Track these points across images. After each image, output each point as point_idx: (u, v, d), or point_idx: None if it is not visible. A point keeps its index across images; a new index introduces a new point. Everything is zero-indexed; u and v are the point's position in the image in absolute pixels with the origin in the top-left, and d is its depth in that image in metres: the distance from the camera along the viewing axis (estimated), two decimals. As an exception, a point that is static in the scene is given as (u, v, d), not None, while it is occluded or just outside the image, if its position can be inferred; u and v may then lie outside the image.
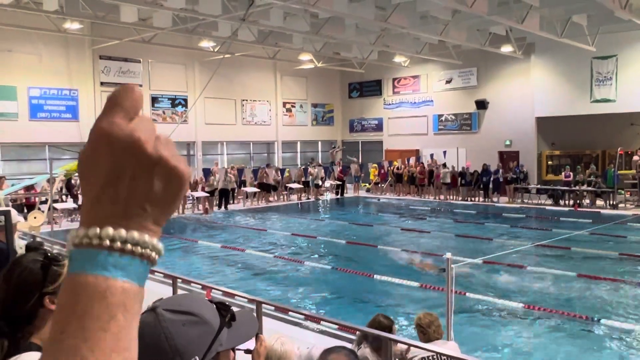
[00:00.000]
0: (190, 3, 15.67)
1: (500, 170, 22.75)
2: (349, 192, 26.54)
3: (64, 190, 18.53)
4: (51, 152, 20.44)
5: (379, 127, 29.84)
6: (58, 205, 17.40)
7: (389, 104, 29.38)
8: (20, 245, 4.66)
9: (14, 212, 5.50)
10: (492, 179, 22.52)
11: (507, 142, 24.71)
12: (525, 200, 21.85)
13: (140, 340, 0.54)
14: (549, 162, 24.07)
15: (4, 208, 7.94)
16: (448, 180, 23.48)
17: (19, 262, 1.71)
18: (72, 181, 18.95)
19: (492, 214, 19.87)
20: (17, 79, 19.84)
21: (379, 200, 24.50)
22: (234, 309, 1.19)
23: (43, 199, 17.23)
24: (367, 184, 27.17)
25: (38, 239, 9.97)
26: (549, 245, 12.37)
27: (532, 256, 12.07)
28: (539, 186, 22.54)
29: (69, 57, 21.17)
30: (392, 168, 25.96)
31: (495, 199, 22.53)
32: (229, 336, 1.11)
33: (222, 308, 1.14)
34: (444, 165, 24.31)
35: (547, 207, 20.38)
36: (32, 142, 20.21)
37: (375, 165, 26.87)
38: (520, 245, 12.63)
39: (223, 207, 21.18)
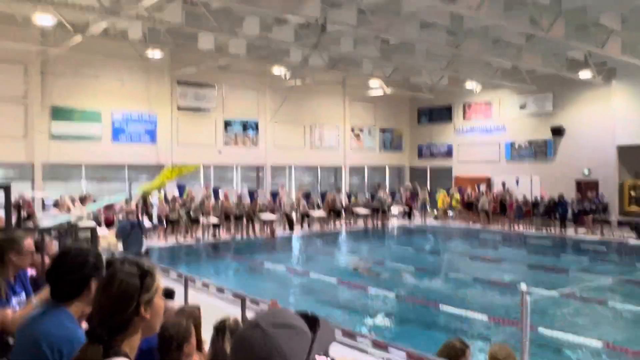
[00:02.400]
0: (264, 31, 16.27)
1: (578, 201, 21.77)
2: (417, 219, 26.21)
3: (141, 209, 19.40)
4: (130, 173, 21.58)
5: (448, 153, 29.42)
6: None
7: (460, 130, 28.95)
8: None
9: (98, 228, 5.89)
10: (569, 209, 21.59)
11: (586, 171, 23.67)
12: (605, 233, 20.75)
13: (251, 355, 0.64)
14: (632, 193, 22.77)
15: (90, 224, 8.48)
16: (501, 206, 22.72)
17: (115, 274, 1.84)
18: (149, 201, 19.87)
19: (569, 245, 19.01)
20: (101, 104, 21.18)
21: (447, 228, 24.02)
22: None
23: (121, 217, 18.11)
24: (435, 211, 26.75)
25: (116, 256, 10.53)
26: (632, 280, 11.67)
27: (612, 291, 11.43)
28: (620, 218, 21.39)
29: (149, 82, 22.41)
30: (462, 195, 25.46)
31: (572, 231, 21.55)
32: (316, 343, 1.20)
33: (310, 318, 1.23)
34: (505, 188, 23.68)
35: (630, 241, 19.26)
36: (113, 164, 21.41)
37: (444, 191, 26.44)
38: (599, 278, 11.98)
39: (288, 230, 21.53)
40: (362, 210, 24.04)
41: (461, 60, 20.55)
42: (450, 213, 26.01)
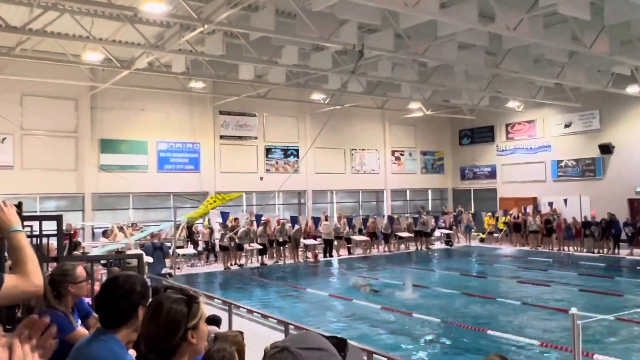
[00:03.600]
0: (302, 59, 16.57)
1: (631, 221, 20.96)
2: (461, 242, 25.75)
3: (185, 236, 19.82)
4: (175, 201, 22.11)
5: (491, 175, 28.96)
6: (180, 251, 18.63)
7: (503, 150, 28.50)
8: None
9: (145, 256, 6.05)
10: (621, 229, 20.80)
11: (638, 189, 22.83)
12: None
13: None
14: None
15: (136, 251, 8.73)
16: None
17: (163, 302, 1.91)
18: (193, 228, 20.28)
19: (623, 267, 18.27)
20: (147, 135, 21.92)
21: (493, 250, 23.50)
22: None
23: (167, 244, 18.54)
24: (480, 234, 26.24)
25: (163, 282, 10.76)
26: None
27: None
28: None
29: (193, 113, 23.06)
30: (508, 217, 24.92)
31: (625, 252, 20.71)
32: None
33: (338, 340, 1.25)
34: (552, 208, 22.99)
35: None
36: (158, 192, 21.98)
37: (489, 214, 25.95)
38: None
39: (328, 255, 21.54)
40: (404, 234, 23.82)
41: (502, 80, 20.32)
42: (495, 235, 25.46)
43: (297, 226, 21.13)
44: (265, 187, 24.22)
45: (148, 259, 10.29)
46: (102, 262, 6.94)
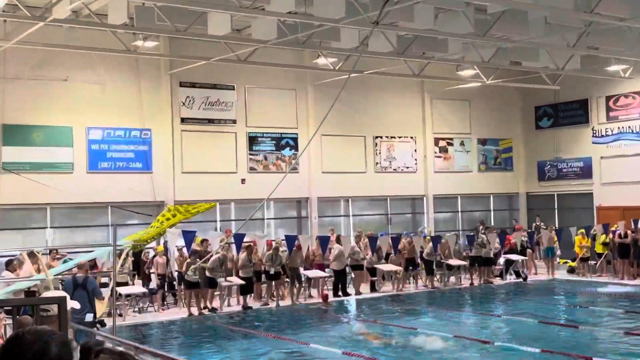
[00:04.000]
0: (301, 4, 16.50)
1: None
2: (540, 273, 25.63)
3: (130, 268, 19.79)
4: (115, 216, 22.11)
5: (585, 173, 28.85)
6: (123, 290, 18.62)
7: (602, 136, 28.39)
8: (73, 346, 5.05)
9: (69, 299, 5.99)
10: None
11: None
12: None
13: None
14: None
15: (57, 293, 8.63)
16: None
17: None
18: (142, 256, 20.28)
19: None
20: (72, 118, 21.89)
21: (589, 286, 23.37)
22: None
23: (103, 280, 18.52)
24: (569, 261, 26.10)
25: (97, 337, 10.70)
26: None
27: None
28: None
29: (140, 85, 23.07)
30: (610, 236, 24.74)
31: None
32: None
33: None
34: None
35: None
36: (90, 203, 21.91)
37: (582, 231, 25.80)
38: None
39: (342, 293, 21.57)
40: (455, 261, 23.78)
41: (600, 31, 20.20)
42: (592, 263, 25.33)
43: (295, 250, 21.05)
44: (249, 193, 24.20)
45: (74, 303, 10.18)
46: (6, 308, 6.92)
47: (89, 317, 13.10)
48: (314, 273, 21.46)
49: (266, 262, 20.44)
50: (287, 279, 20.99)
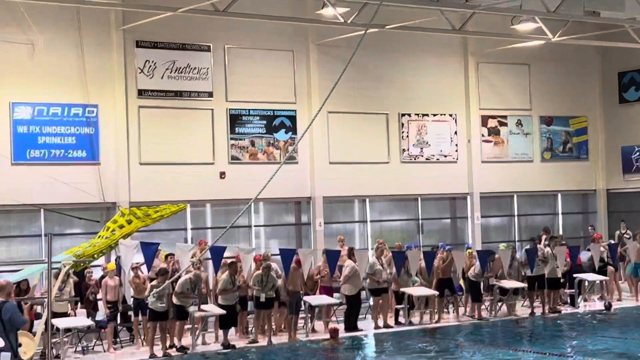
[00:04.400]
0: None
1: None
2: (626, 298, 25.48)
3: (71, 293, 19.67)
4: (50, 223, 21.96)
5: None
6: (60, 322, 18.45)
7: None
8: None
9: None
10: None
11: None
12: None
13: None
14: None
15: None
16: None
17: None
18: (86, 277, 20.12)
19: None
20: (-7, 90, 21.83)
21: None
22: None
23: (38, 309, 18.40)
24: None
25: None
26: None
27: None
28: None
29: (82, 46, 22.79)
30: None
31: None
32: None
33: None
34: None
35: None
36: (16, 205, 21.66)
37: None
38: None
39: (353, 327, 21.41)
40: (510, 283, 23.68)
41: None
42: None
43: (293, 269, 20.94)
44: (231, 192, 24.18)
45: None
46: None
47: (4, 358, 12.95)
48: (319, 299, 21.27)
49: (254, 285, 20.22)
50: (283, 307, 20.84)
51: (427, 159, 28.06)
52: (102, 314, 20.16)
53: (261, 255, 21.52)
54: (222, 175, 24.58)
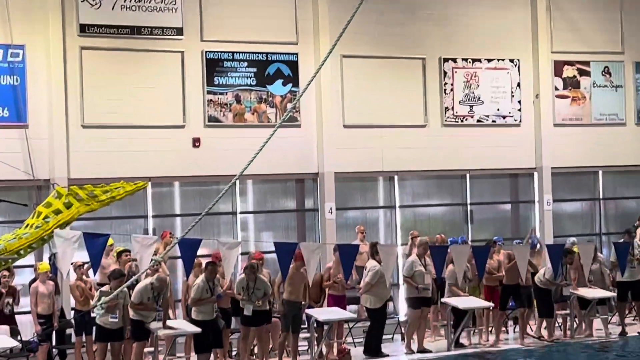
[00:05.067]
0: None
1: None
2: None
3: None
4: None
5: None
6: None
7: None
8: None
9: None
10: None
11: None
12: None
13: None
14: None
15: None
16: None
17: None
18: (4, 281, 20.28)
19: None
20: None
21: None
22: None
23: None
24: None
25: None
26: None
27: None
28: None
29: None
30: None
31: None
32: None
33: None
34: None
35: None
36: None
37: None
38: None
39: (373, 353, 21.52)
40: (593, 292, 23.77)
41: None
42: None
43: (293, 270, 21.05)
44: (208, 165, 24.41)
45: None
46: None
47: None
48: (328, 313, 21.33)
49: (238, 293, 20.44)
50: (277, 321, 21.03)
51: (478, 121, 28.19)
52: (30, 332, 20.31)
53: (253, 255, 21.58)
54: (196, 142, 24.69)
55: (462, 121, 27.85)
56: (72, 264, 20.00)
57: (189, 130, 24.68)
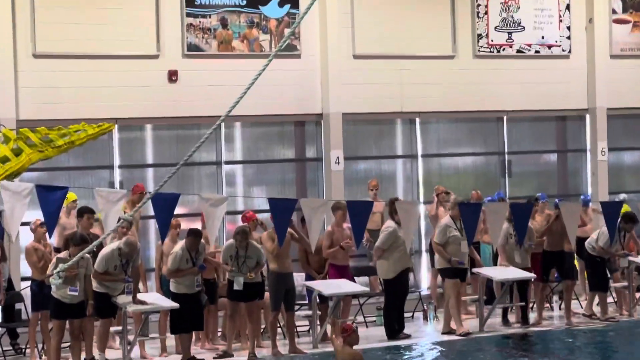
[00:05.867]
0: None
1: None
2: None
3: None
4: None
5: None
6: None
7: None
8: None
9: None
10: None
11: None
12: None
13: None
14: None
15: None
16: None
17: None
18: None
19: None
20: None
21: None
22: None
23: None
24: None
25: None
26: None
27: None
28: None
29: None
30: None
31: None
32: None
33: None
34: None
35: None
36: None
37: None
38: None
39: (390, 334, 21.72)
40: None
41: None
42: None
43: (291, 234, 21.22)
44: (188, 104, 24.50)
45: None
46: None
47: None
48: (333, 286, 21.51)
49: (226, 262, 20.60)
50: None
51: (518, 51, 28.25)
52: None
53: (253, 214, 21.68)
54: (173, 76, 24.73)
55: (498, 51, 27.92)
56: (28, 223, 20.15)
57: (164, 61, 24.72)
